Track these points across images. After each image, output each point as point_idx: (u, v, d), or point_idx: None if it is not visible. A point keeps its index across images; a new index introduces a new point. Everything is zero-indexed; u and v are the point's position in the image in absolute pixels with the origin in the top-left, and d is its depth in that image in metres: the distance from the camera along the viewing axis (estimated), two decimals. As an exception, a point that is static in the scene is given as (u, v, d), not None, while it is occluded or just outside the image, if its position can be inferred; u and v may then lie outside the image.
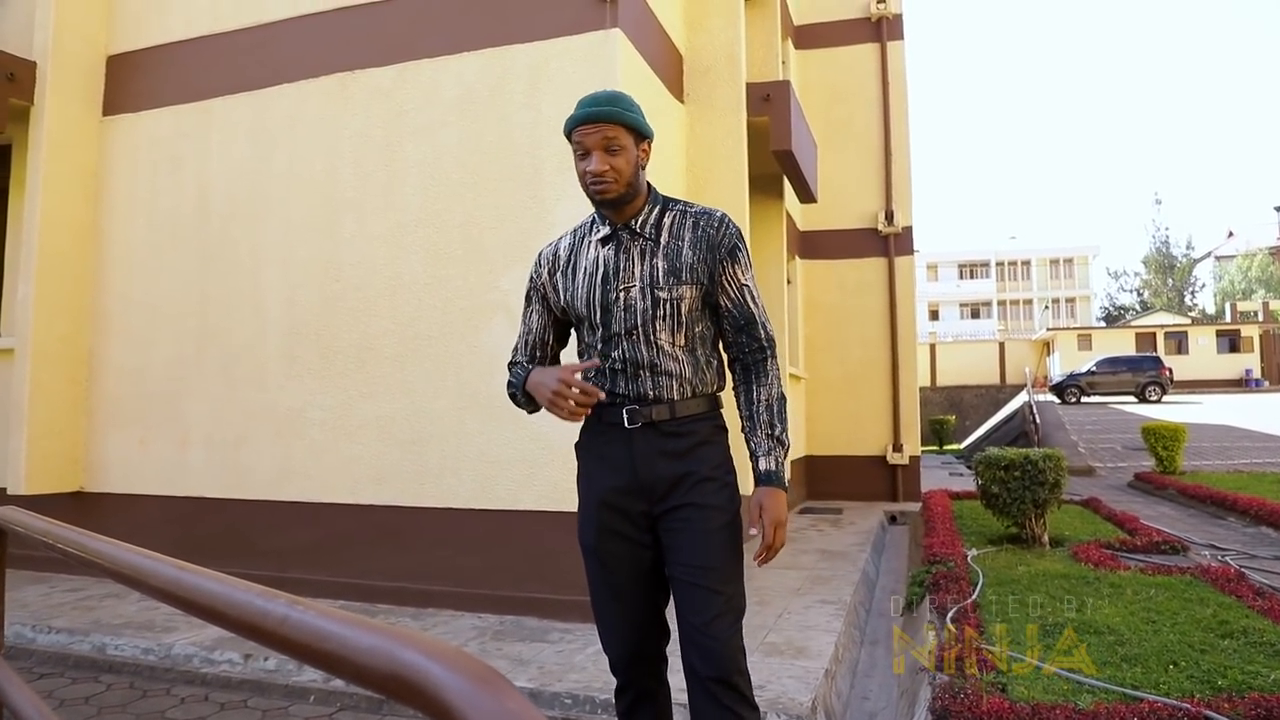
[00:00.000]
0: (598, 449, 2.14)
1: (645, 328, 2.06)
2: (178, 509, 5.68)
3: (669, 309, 2.06)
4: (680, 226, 2.11)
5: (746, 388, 2.15)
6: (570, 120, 2.04)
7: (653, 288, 2.06)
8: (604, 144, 2.01)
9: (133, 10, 6.18)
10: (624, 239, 2.11)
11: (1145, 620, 4.22)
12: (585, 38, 4.89)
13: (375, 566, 5.10)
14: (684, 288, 2.07)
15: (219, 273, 5.71)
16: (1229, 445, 16.12)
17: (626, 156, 2.03)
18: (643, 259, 2.08)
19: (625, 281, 2.08)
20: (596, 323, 2.10)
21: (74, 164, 5.96)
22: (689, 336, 2.10)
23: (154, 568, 1.30)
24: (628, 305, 2.07)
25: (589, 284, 2.12)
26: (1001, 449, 6.85)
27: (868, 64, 11.36)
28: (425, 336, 5.13)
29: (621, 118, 2.02)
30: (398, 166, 5.27)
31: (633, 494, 2.08)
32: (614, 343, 2.08)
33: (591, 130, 2.01)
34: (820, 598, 5.29)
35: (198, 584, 1.15)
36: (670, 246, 2.09)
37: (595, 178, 2.01)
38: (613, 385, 2.08)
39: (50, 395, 5.77)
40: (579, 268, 2.15)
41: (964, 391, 36.17)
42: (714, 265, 2.09)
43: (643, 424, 2.06)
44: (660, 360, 2.06)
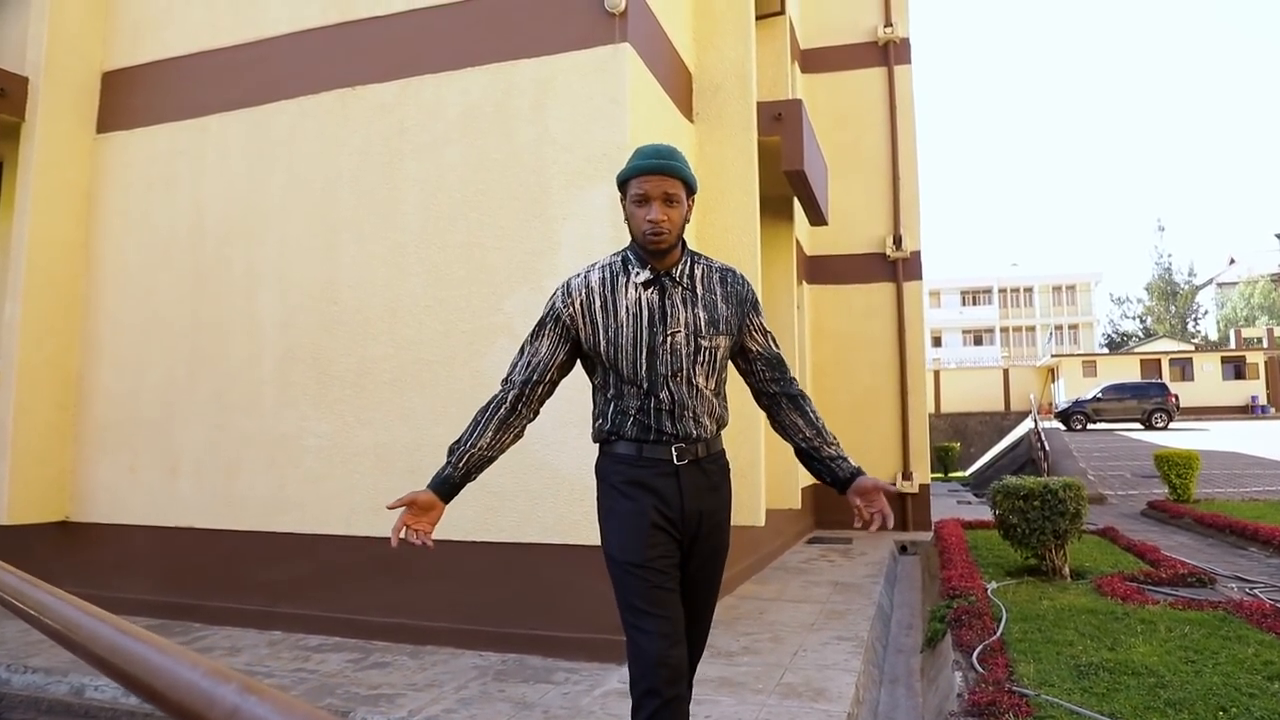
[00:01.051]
0: (644, 481, 2.24)
1: (688, 371, 2.23)
2: (167, 540, 5.46)
3: (708, 356, 2.25)
4: (710, 280, 2.30)
5: (801, 411, 2.38)
6: (633, 169, 2.20)
7: (696, 335, 2.24)
8: (664, 196, 2.17)
9: (130, 26, 6.03)
10: (666, 285, 2.25)
11: (1184, 660, 4.00)
12: (593, 52, 4.74)
13: (371, 601, 4.88)
14: (720, 337, 2.27)
15: (213, 294, 5.53)
16: (1240, 473, 15.89)
17: (681, 210, 2.21)
18: (685, 307, 2.25)
19: (671, 327, 2.23)
20: (641, 363, 2.22)
21: (65, 182, 5.79)
22: (718, 381, 2.32)
23: (92, 628, 1.10)
24: (674, 349, 2.22)
25: (635, 325, 2.23)
26: (1020, 478, 6.64)
27: (875, 88, 11.26)
28: (426, 361, 4.94)
29: (682, 173, 2.20)
30: (398, 185, 5.10)
31: (675, 523, 2.24)
32: (659, 383, 2.22)
33: (655, 181, 2.17)
34: (836, 634, 5.07)
35: (139, 653, 0.95)
36: (706, 299, 2.27)
37: (654, 227, 2.16)
38: (658, 424, 2.23)
39: (36, 420, 5.56)
40: (620, 307, 2.25)
41: (968, 418, 35.99)
42: (742, 317, 2.32)
43: (689, 461, 2.24)
44: (698, 402, 2.25)
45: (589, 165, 4.67)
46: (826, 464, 2.36)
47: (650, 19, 5.10)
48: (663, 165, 2.18)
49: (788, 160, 6.45)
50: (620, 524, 2.24)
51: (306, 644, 4.80)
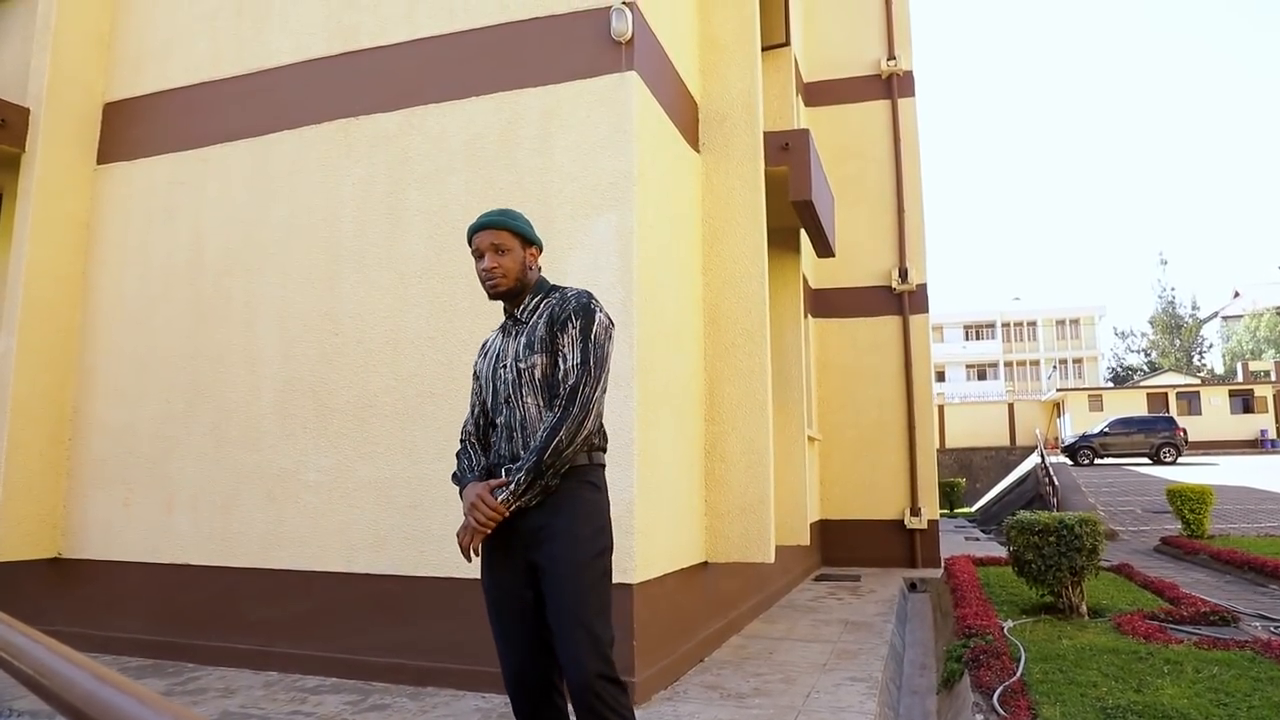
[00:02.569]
0: None
1: (514, 395, 2.49)
2: (161, 577, 5.32)
3: (528, 376, 2.47)
4: (543, 308, 2.53)
5: None
6: (469, 230, 2.57)
7: (516, 361, 2.50)
8: (492, 246, 2.51)
9: (132, 57, 6.01)
10: (509, 326, 2.60)
11: (1215, 703, 3.85)
12: (599, 81, 4.69)
13: (370, 640, 4.73)
14: (535, 356, 2.47)
15: (212, 326, 5.44)
16: (1253, 508, 15.70)
17: (513, 257, 2.53)
18: (515, 339, 2.54)
19: (504, 359, 2.54)
20: (488, 394, 2.59)
21: (65, 213, 5.73)
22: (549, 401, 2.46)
23: (70, 675, 1.00)
24: (502, 379, 2.52)
25: (487, 363, 2.62)
26: (1034, 513, 6.50)
27: (879, 121, 11.26)
28: (428, 394, 4.83)
29: (507, 225, 2.52)
30: (401, 215, 5.03)
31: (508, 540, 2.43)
32: (498, 409, 2.54)
33: (481, 236, 2.53)
34: (849, 674, 4.91)
35: (117, 705, 0.84)
36: (533, 325, 2.51)
37: (486, 274, 2.52)
38: (498, 447, 2.54)
39: (29, 454, 5.44)
40: (487, 352, 2.65)
41: (973, 454, 35.78)
42: (552, 335, 2.47)
43: None
44: (528, 422, 2.46)
45: (595, 195, 4.60)
46: None
47: (656, 48, 5.06)
48: (486, 221, 2.52)
49: (795, 190, 6.38)
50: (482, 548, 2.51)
51: (304, 685, 4.65)
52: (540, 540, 2.38)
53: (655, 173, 4.89)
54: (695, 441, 5.56)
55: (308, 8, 5.48)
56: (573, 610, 2.36)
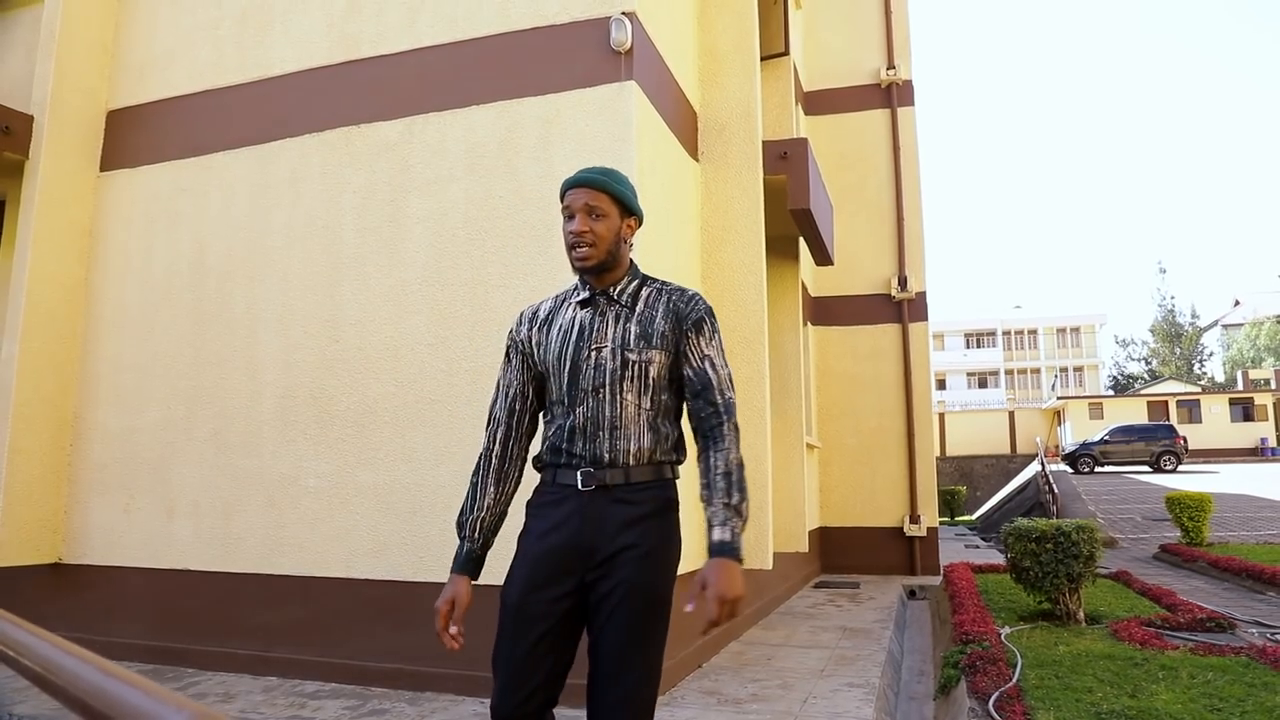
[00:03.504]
0: (546, 509, 2.13)
1: (613, 386, 2.10)
2: (161, 582, 5.34)
3: (637, 370, 2.11)
4: (655, 299, 2.19)
5: (703, 454, 2.11)
6: (564, 184, 2.18)
7: (623, 349, 2.11)
8: (587, 208, 2.11)
9: (135, 65, 6.06)
10: (601, 303, 2.18)
11: (1209, 708, 3.86)
12: (599, 90, 4.73)
13: (370, 646, 4.75)
14: (653, 352, 2.12)
15: (213, 333, 5.48)
16: (1252, 515, 15.69)
17: (609, 224, 2.13)
18: (616, 322, 2.15)
19: (597, 342, 2.13)
20: (564, 378, 2.13)
21: (68, 220, 5.77)
22: (654, 403, 2.13)
23: (75, 669, 1.03)
24: (598, 364, 2.11)
25: (563, 340, 2.16)
26: (1032, 520, 6.52)
27: (878, 130, 11.32)
28: (428, 400, 4.86)
29: (607, 186, 2.13)
30: (402, 223, 5.07)
31: (571, 554, 2.06)
32: (579, 398, 2.11)
33: (577, 193, 2.13)
34: (847, 680, 4.92)
35: (124, 699, 0.87)
36: (644, 314, 2.16)
37: (574, 237, 2.11)
38: (570, 444, 2.11)
39: (31, 460, 5.47)
40: (555, 325, 2.21)
41: (974, 461, 35.76)
42: (679, 335, 2.15)
43: (595, 487, 2.07)
44: (621, 422, 2.09)
45: (594, 202, 4.63)
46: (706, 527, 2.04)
47: (656, 58, 5.10)
48: (584, 177, 2.14)
49: (793, 199, 6.42)
50: (516, 554, 2.13)
51: (303, 690, 4.67)
52: (618, 562, 2.01)
53: (654, 181, 4.93)
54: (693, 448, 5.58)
55: (310, 17, 5.52)
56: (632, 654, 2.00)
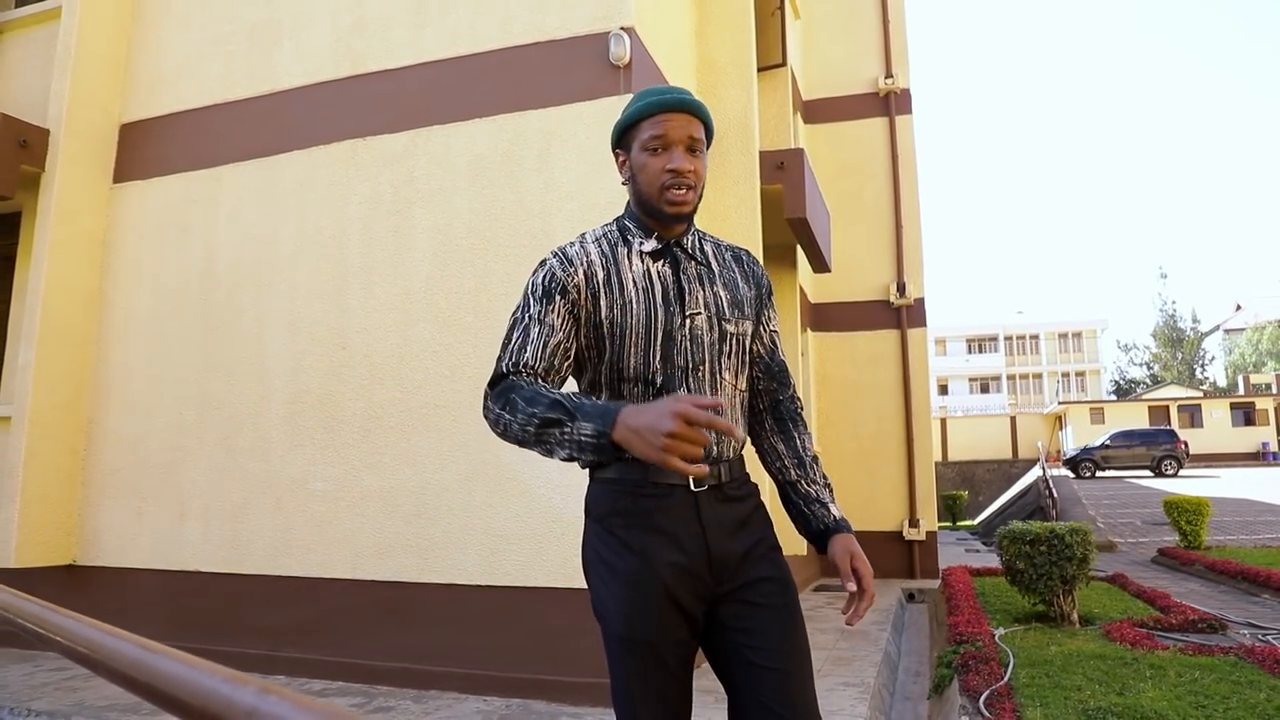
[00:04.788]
0: (652, 518, 1.66)
1: (713, 364, 1.71)
2: (172, 584, 5.47)
3: (734, 345, 1.75)
4: (724, 256, 1.83)
5: (786, 436, 1.86)
6: (645, 105, 1.69)
7: (720, 319, 1.73)
8: (688, 142, 1.69)
9: (147, 80, 6.21)
10: (679, 257, 1.75)
11: (1194, 705, 3.96)
12: (598, 103, 4.86)
13: (375, 645, 4.87)
14: (746, 323, 1.77)
15: (223, 340, 5.61)
16: (1252, 519, 15.76)
17: (704, 164, 1.73)
18: (703, 285, 1.74)
19: (691, 307, 1.71)
20: (654, 352, 1.68)
21: (82, 231, 5.91)
22: (746, 383, 1.81)
23: (115, 646, 1.14)
24: (694, 336, 1.70)
25: (646, 302, 1.69)
26: (1026, 523, 6.62)
27: (877, 138, 11.43)
28: (433, 406, 4.99)
29: (708, 117, 1.73)
30: (407, 232, 5.20)
31: (700, 573, 1.66)
32: (676, 379, 1.68)
33: (678, 121, 1.68)
34: (842, 680, 5.02)
35: (161, 667, 0.99)
36: (726, 276, 1.78)
37: (676, 177, 1.66)
38: None
39: (46, 465, 5.61)
40: (625, 280, 1.71)
41: (975, 467, 35.82)
42: (760, 306, 1.84)
43: (709, 486, 1.68)
44: (725, 407, 1.72)
45: (594, 213, 4.76)
46: (803, 506, 1.82)
47: (654, 71, 5.23)
48: (685, 100, 1.68)
49: (790, 208, 6.55)
50: (621, 584, 1.66)
51: (310, 688, 4.78)
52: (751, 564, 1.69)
53: (653, 192, 5.04)
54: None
55: (317, 32, 5.66)
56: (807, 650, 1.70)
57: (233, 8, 5.99)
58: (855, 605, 1.69)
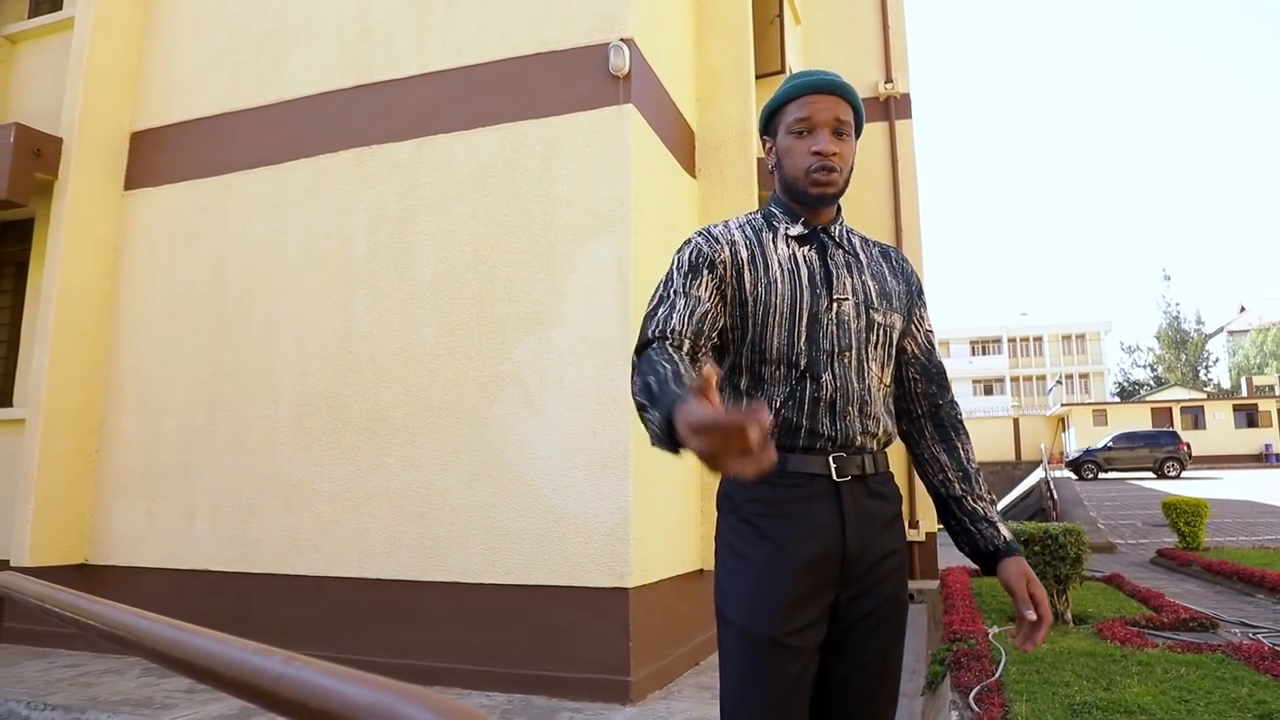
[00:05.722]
0: (790, 506, 1.60)
1: (860, 351, 1.67)
2: (182, 582, 5.59)
3: (882, 335, 1.70)
4: (871, 250, 1.80)
5: (949, 446, 1.78)
6: (791, 88, 1.69)
7: (869, 307, 1.69)
8: (834, 124, 1.66)
9: (158, 89, 6.34)
10: (827, 244, 1.72)
11: (1178, 700, 4.06)
12: (599, 113, 4.98)
13: (381, 642, 4.99)
14: (895, 315, 1.73)
15: (232, 344, 5.74)
16: (1253, 521, 15.82)
17: (851, 147, 1.70)
18: (850, 273, 1.71)
19: (839, 292, 1.67)
20: (799, 333, 1.64)
21: (94, 237, 6.05)
22: (892, 377, 1.76)
23: (150, 628, 1.26)
24: (841, 320, 1.66)
25: (792, 283, 1.66)
26: (1020, 523, 6.72)
27: (877, 142, 11.51)
28: (437, 408, 5.10)
29: (857, 100, 1.70)
30: (412, 239, 5.32)
31: (832, 567, 1.60)
32: (824, 364, 1.64)
33: (827, 103, 1.66)
34: (838, 677, 5.12)
35: (194, 643, 1.10)
36: (874, 268, 1.75)
37: (822, 160, 1.64)
38: (813, 422, 1.62)
39: (59, 466, 5.75)
40: (770, 261, 1.68)
41: (979, 468, 35.83)
42: (910, 302, 1.79)
43: (853, 477, 1.63)
44: (870, 397, 1.67)
45: (594, 220, 4.88)
46: (968, 524, 1.72)
47: (653, 81, 5.34)
48: (831, 81, 1.66)
49: (788, 213, 6.65)
50: (749, 574, 1.59)
51: (318, 685, 4.89)
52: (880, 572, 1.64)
53: (652, 199, 5.17)
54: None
55: (323, 43, 5.79)
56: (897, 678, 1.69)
57: (241, 19, 6.13)
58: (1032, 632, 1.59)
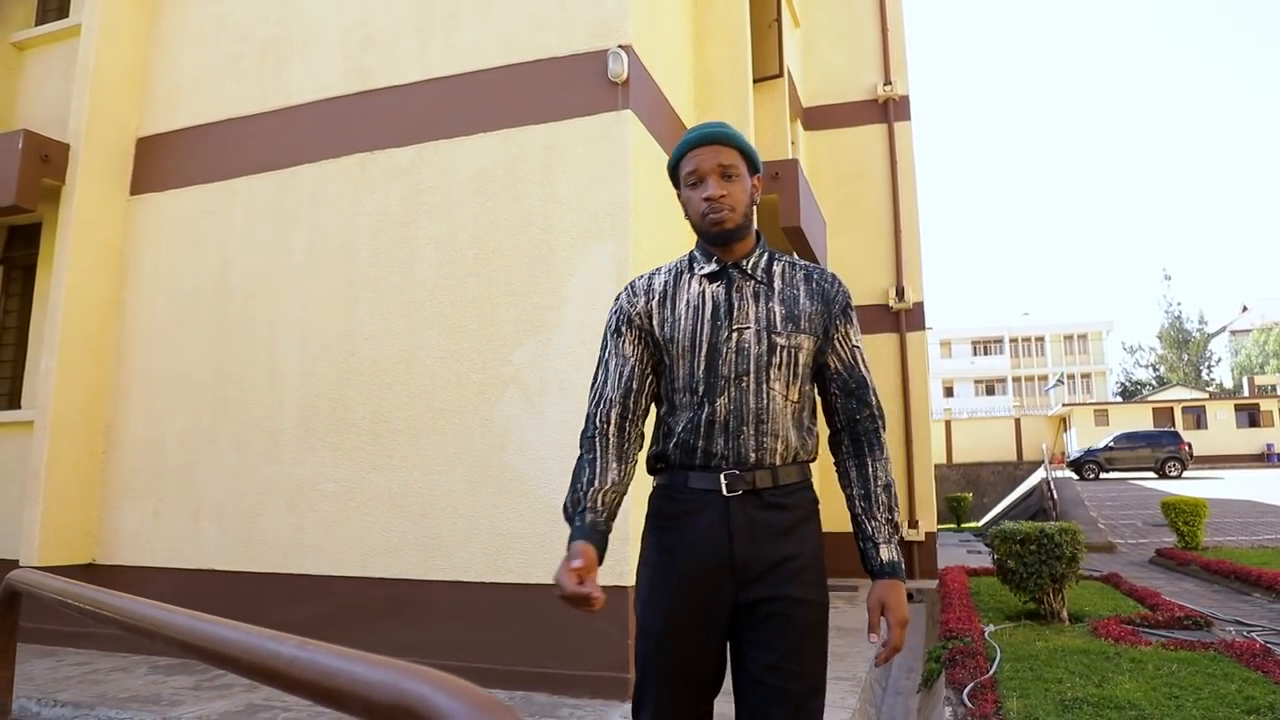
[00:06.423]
0: (684, 520, 1.83)
1: (759, 374, 1.82)
2: (188, 582, 5.67)
3: (785, 357, 1.84)
4: (792, 276, 1.93)
5: (859, 462, 1.92)
6: (678, 148, 1.91)
7: (770, 332, 1.84)
8: (719, 169, 1.86)
9: (163, 95, 6.43)
10: (735, 277, 1.89)
11: (1167, 696, 4.13)
12: (598, 119, 5.05)
13: (384, 640, 5.06)
14: (802, 337, 1.86)
15: (237, 347, 5.82)
16: (1253, 520, 15.85)
17: (742, 185, 1.89)
18: (757, 301, 1.87)
19: (739, 322, 1.84)
20: (700, 362, 1.84)
21: (100, 241, 6.13)
22: (801, 394, 1.88)
23: (170, 619, 1.33)
24: (740, 347, 1.83)
25: (695, 319, 1.86)
26: (1017, 523, 6.78)
27: (876, 144, 11.60)
28: (439, 410, 5.18)
29: (738, 141, 1.89)
30: (414, 243, 5.39)
31: (723, 574, 1.78)
32: (719, 388, 1.82)
33: (708, 153, 1.86)
34: (834, 674, 5.18)
35: (211, 631, 1.18)
36: (785, 293, 1.89)
37: (711, 205, 1.84)
38: (708, 443, 1.82)
39: (67, 467, 5.83)
40: (679, 300, 1.90)
41: (980, 469, 35.88)
42: (829, 321, 1.91)
43: (743, 492, 1.80)
44: (769, 416, 1.82)
45: (594, 224, 4.95)
46: (858, 540, 1.89)
47: (652, 86, 5.42)
48: (715, 134, 1.86)
49: (785, 217, 6.73)
50: (646, 577, 1.87)
51: (322, 683, 4.96)
52: (779, 576, 1.79)
53: (650, 202, 5.24)
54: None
55: (326, 50, 5.87)
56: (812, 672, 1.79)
57: (245, 25, 6.21)
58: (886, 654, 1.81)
